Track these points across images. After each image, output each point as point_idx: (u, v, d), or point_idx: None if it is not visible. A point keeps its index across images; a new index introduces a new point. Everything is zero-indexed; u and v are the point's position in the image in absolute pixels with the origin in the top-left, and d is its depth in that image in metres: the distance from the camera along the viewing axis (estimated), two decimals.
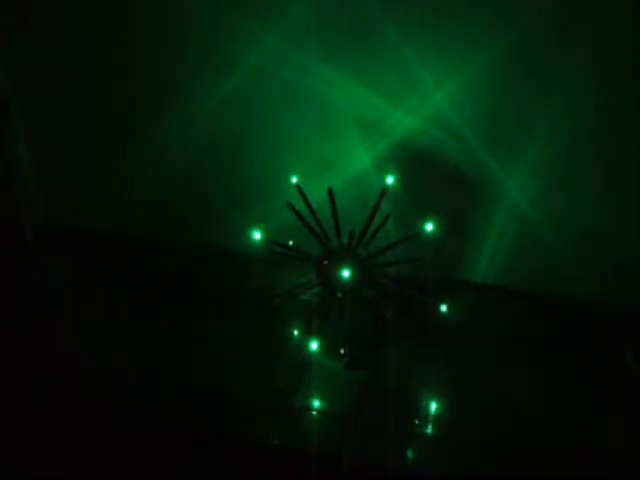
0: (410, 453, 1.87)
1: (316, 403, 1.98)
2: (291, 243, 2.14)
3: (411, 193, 2.15)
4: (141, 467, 1.92)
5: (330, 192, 2.09)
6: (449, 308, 2.05)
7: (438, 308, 2.05)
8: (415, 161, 2.17)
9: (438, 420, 1.95)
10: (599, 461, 1.80)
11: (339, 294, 2.06)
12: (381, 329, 2.08)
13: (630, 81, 2.02)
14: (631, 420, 1.90)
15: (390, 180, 2.09)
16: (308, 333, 2.07)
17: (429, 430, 1.92)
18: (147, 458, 1.93)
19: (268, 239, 2.12)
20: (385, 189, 2.07)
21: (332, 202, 2.08)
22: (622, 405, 1.94)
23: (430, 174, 2.17)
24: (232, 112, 2.29)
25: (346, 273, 2.02)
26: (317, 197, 2.12)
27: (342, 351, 2.06)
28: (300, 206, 2.11)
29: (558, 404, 1.96)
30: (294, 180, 2.14)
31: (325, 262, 2.06)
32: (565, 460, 1.81)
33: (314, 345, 2.05)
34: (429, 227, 2.06)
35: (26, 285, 2.40)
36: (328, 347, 2.07)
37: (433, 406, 1.97)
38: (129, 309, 2.30)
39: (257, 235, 2.12)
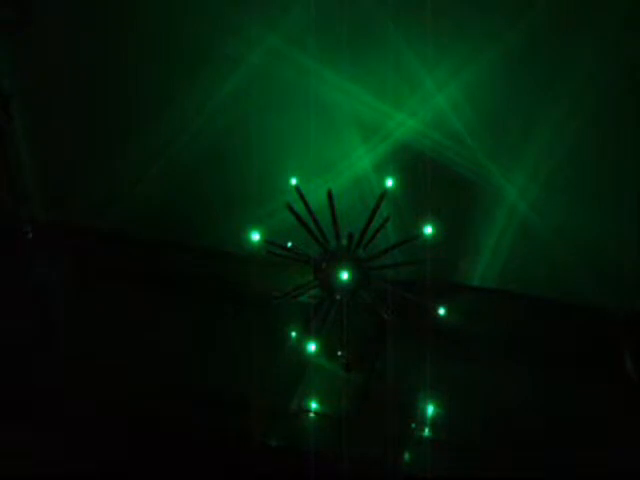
0: (408, 455, 1.88)
1: (314, 405, 1.98)
2: (290, 244, 2.14)
3: (411, 196, 2.15)
4: (141, 467, 1.93)
5: (329, 194, 2.09)
6: (447, 311, 2.06)
7: (436, 311, 2.06)
8: (415, 163, 2.16)
9: (436, 422, 1.95)
10: (599, 461, 1.80)
11: (338, 296, 2.06)
12: (379, 331, 2.09)
13: (632, 84, 2.02)
14: (631, 420, 1.90)
15: (390, 183, 2.09)
16: (306, 335, 2.07)
17: (427, 432, 1.92)
18: (147, 458, 1.93)
19: (267, 240, 2.12)
20: (385, 192, 2.07)
21: (331, 204, 2.08)
22: (622, 405, 1.94)
23: (430, 177, 2.17)
24: (232, 112, 2.29)
25: (345, 275, 2.02)
26: (317, 199, 2.12)
27: (340, 353, 2.06)
28: (299, 207, 2.11)
29: (558, 405, 1.96)
30: (293, 182, 2.14)
31: (324, 264, 2.06)
32: (565, 460, 1.82)
33: (312, 347, 2.05)
34: (428, 230, 2.05)
35: (26, 284, 2.41)
36: (326, 349, 2.07)
37: (431, 408, 1.98)
38: (129, 309, 2.30)
39: (255, 236, 2.12)
